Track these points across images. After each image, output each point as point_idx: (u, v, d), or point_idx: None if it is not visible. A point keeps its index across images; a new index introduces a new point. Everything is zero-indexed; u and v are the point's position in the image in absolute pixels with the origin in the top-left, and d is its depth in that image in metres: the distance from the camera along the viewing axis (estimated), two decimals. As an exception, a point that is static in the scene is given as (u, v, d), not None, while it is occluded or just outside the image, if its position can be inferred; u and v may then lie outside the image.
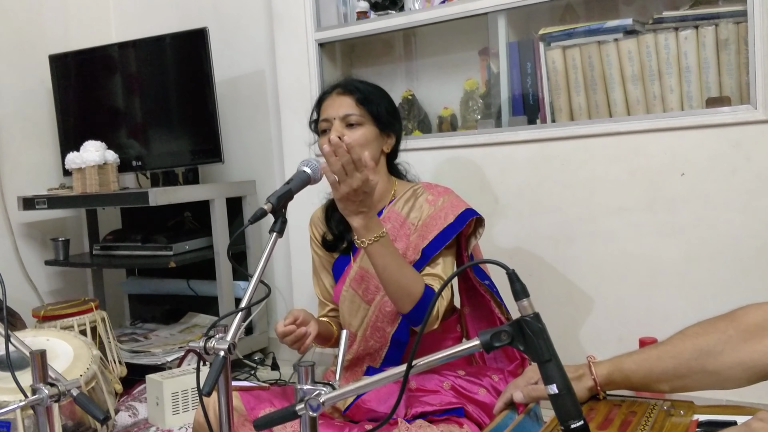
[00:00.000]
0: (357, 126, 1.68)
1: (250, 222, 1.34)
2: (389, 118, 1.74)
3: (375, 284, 1.70)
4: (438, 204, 1.71)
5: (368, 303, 1.73)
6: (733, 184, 1.96)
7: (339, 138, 1.57)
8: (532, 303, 0.90)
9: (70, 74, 3.11)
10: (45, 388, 1.23)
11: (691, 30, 2.04)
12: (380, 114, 1.71)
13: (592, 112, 2.22)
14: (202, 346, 1.15)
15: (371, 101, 1.71)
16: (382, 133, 1.73)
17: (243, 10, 3.08)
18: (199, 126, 2.88)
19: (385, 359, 1.73)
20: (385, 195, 1.77)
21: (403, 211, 1.74)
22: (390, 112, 1.76)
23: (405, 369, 0.94)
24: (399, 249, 1.68)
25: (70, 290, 3.18)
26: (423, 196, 1.74)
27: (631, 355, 1.17)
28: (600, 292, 2.18)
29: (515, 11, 2.30)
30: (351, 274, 1.75)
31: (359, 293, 1.74)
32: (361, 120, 1.68)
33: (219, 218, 2.81)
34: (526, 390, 1.19)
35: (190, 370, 2.35)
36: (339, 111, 1.69)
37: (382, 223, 1.69)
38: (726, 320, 1.12)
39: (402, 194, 1.76)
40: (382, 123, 1.72)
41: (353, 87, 1.72)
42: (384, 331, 1.72)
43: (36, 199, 2.87)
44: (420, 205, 1.72)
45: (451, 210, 1.69)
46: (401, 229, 1.72)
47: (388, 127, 1.74)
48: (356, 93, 1.70)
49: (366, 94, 1.71)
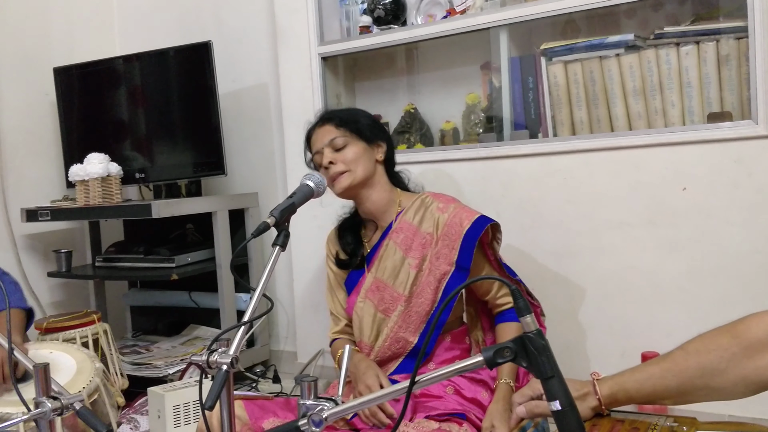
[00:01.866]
0: (344, 147, 1.79)
1: (253, 236, 1.35)
2: (372, 130, 1.85)
3: (392, 294, 1.75)
4: (449, 210, 1.77)
5: (385, 314, 1.77)
6: (735, 199, 1.96)
7: (331, 162, 1.75)
8: (534, 319, 0.91)
9: (74, 87, 3.13)
10: (48, 402, 1.23)
11: (693, 45, 2.05)
12: (362, 128, 1.82)
13: (593, 126, 2.23)
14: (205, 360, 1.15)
15: (350, 120, 1.82)
16: (371, 145, 1.83)
17: (246, 24, 3.10)
18: (202, 139, 2.89)
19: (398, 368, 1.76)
20: (391, 206, 1.84)
21: (414, 221, 1.79)
22: (371, 125, 1.86)
23: (408, 385, 0.94)
24: (414, 258, 1.75)
25: (72, 302, 3.18)
26: (433, 206, 1.80)
27: (633, 374, 1.17)
28: (602, 306, 2.18)
29: (517, 26, 2.32)
30: (366, 285, 1.80)
31: (374, 303, 1.78)
32: (346, 140, 1.79)
33: (221, 230, 2.82)
34: (530, 406, 1.19)
35: (191, 382, 2.34)
36: (324, 139, 1.80)
37: (394, 234, 1.77)
38: (728, 335, 1.11)
39: (410, 204, 1.83)
40: (366, 136, 1.82)
41: (330, 114, 1.86)
42: (406, 341, 1.76)
43: (39, 211, 2.88)
44: (431, 215, 1.78)
45: (465, 216, 1.75)
46: (414, 238, 1.77)
47: (374, 138, 1.84)
48: (334, 118, 1.83)
49: (343, 116, 1.84)
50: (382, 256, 1.80)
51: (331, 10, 2.72)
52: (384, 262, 1.79)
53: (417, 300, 1.75)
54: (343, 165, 1.77)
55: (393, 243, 1.79)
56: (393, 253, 1.78)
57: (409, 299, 1.75)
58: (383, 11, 2.59)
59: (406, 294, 1.75)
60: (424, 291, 1.74)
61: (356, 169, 1.77)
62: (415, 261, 1.75)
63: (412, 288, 1.75)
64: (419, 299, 1.75)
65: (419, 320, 1.74)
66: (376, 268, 1.80)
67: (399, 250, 1.78)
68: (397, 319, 1.75)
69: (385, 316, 1.77)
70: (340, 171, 1.77)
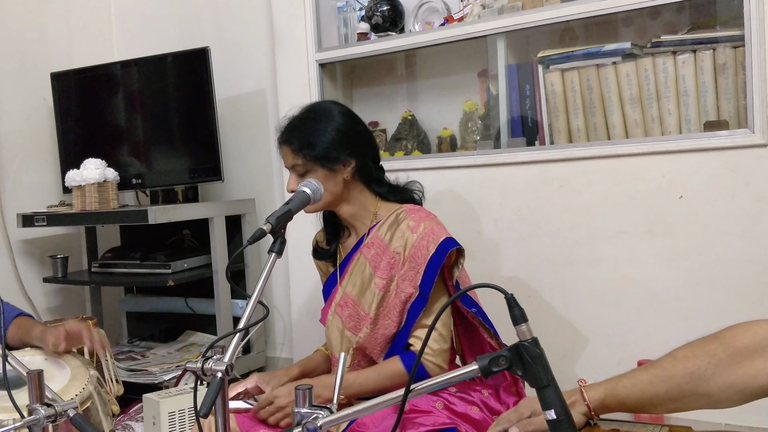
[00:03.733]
0: (304, 174, 1.68)
1: (249, 243, 1.35)
2: (335, 149, 1.68)
3: (358, 313, 1.71)
4: (419, 231, 1.67)
5: (352, 331, 1.73)
6: (732, 208, 1.96)
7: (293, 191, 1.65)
8: (530, 328, 0.90)
9: (71, 92, 3.12)
10: (42, 409, 1.23)
11: (689, 54, 2.06)
12: (319, 154, 1.66)
13: (590, 134, 2.23)
14: (200, 367, 1.15)
15: (308, 145, 1.67)
16: (334, 167, 1.68)
17: (245, 30, 3.10)
18: (200, 144, 2.89)
19: None
20: (366, 218, 1.76)
21: (386, 237, 1.72)
22: (332, 144, 1.68)
23: (403, 394, 0.94)
24: (382, 278, 1.69)
25: (68, 308, 3.17)
26: (404, 223, 1.71)
27: (622, 379, 1.16)
28: (599, 315, 2.17)
29: (514, 34, 2.32)
30: (336, 299, 1.76)
31: (342, 319, 1.74)
32: (306, 167, 1.67)
33: (218, 237, 2.81)
34: (522, 425, 1.17)
35: (187, 389, 2.33)
36: (287, 163, 1.71)
37: (366, 248, 1.72)
38: (715, 342, 1.12)
39: (386, 218, 1.74)
40: (328, 159, 1.67)
41: (287, 135, 1.71)
42: (372, 361, 1.73)
43: (35, 216, 2.87)
44: (402, 233, 1.69)
45: (432, 239, 1.66)
46: (383, 255, 1.71)
47: (338, 158, 1.68)
48: (293, 141, 1.69)
49: (301, 139, 1.68)
50: (353, 270, 1.75)
51: (330, 17, 2.73)
52: (354, 277, 1.74)
53: (383, 322, 1.69)
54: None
55: (364, 258, 1.73)
56: (363, 269, 1.73)
57: (375, 321, 1.70)
58: (381, 18, 2.59)
59: (372, 315, 1.69)
60: (390, 313, 1.68)
61: (322, 198, 1.67)
62: (383, 282, 1.69)
63: (378, 309, 1.69)
64: (385, 321, 1.69)
65: (385, 342, 1.69)
66: (346, 281, 1.75)
67: (369, 266, 1.72)
68: (363, 340, 1.71)
69: (353, 333, 1.72)
70: None
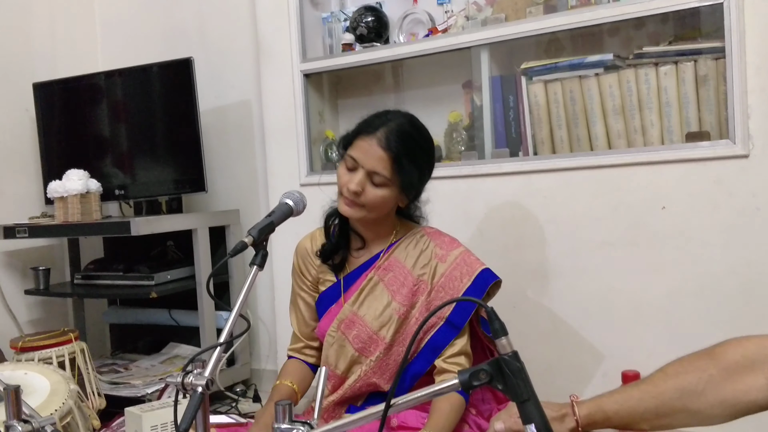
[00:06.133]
0: (380, 186, 1.59)
1: (231, 255, 1.34)
2: (419, 185, 1.66)
3: (370, 336, 1.67)
4: (449, 260, 1.66)
5: (361, 353, 1.68)
6: (715, 220, 1.97)
7: (356, 193, 1.58)
8: (511, 341, 0.90)
9: (54, 102, 3.10)
10: (18, 425, 1.21)
11: (671, 66, 2.07)
12: (410, 181, 1.62)
13: (573, 145, 2.24)
14: (180, 382, 1.14)
15: (405, 167, 1.58)
16: (403, 194, 1.64)
17: (230, 40, 3.10)
18: (183, 155, 2.87)
19: (368, 400, 1.72)
20: (385, 237, 1.72)
21: (407, 262, 1.68)
22: (423, 179, 1.66)
23: (384, 408, 0.93)
24: (402, 305, 1.65)
25: (50, 320, 3.14)
26: (429, 249, 1.68)
27: (612, 395, 1.16)
28: (584, 327, 2.17)
29: (498, 45, 2.33)
30: (341, 316, 1.71)
31: (348, 338, 1.69)
32: (387, 183, 1.59)
33: (202, 248, 2.79)
34: (509, 422, 1.18)
35: (169, 402, 2.31)
36: (369, 164, 1.58)
37: (382, 270, 1.67)
38: (706, 358, 1.12)
39: (404, 238, 1.71)
40: (408, 189, 1.64)
41: (394, 144, 1.58)
42: (377, 386, 1.69)
43: (17, 227, 2.84)
44: (428, 260, 1.67)
45: (467, 270, 1.65)
46: (405, 282, 1.67)
47: (410, 191, 1.65)
48: (394, 151, 1.57)
49: (405, 156, 1.58)
50: (364, 290, 1.69)
51: (314, 28, 2.73)
52: (366, 300, 1.69)
53: (398, 348, 1.67)
54: (365, 201, 1.59)
55: (379, 279, 1.68)
56: (378, 292, 1.68)
57: (390, 347, 1.66)
58: (366, 29, 2.60)
59: (388, 341, 1.65)
60: (407, 340, 1.64)
61: (372, 211, 1.62)
62: (404, 308, 1.65)
63: (395, 336, 1.65)
64: (400, 348, 1.66)
65: (395, 368, 1.65)
66: (354, 300, 1.69)
67: (386, 291, 1.67)
68: (373, 364, 1.66)
69: (362, 355, 1.68)
70: (357, 203, 1.60)
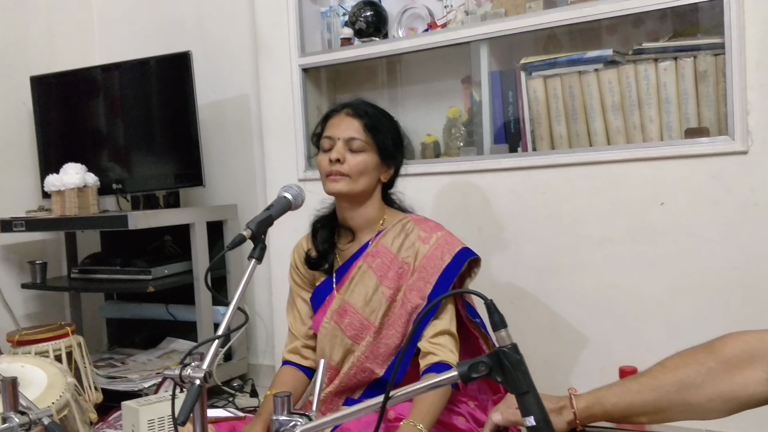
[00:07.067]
0: (359, 152, 1.64)
1: (229, 248, 1.33)
2: (394, 150, 1.71)
3: (361, 322, 1.68)
4: (432, 242, 1.67)
5: (353, 340, 1.69)
6: (714, 215, 1.97)
7: (338, 160, 1.60)
8: (509, 334, 0.90)
9: (51, 96, 3.09)
10: (15, 417, 1.21)
11: (671, 61, 2.07)
12: (386, 144, 1.67)
13: (572, 141, 2.24)
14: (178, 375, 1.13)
15: (379, 129, 1.66)
16: (383, 164, 1.69)
17: (228, 35, 3.09)
18: (181, 149, 2.86)
19: (365, 393, 1.71)
20: (373, 225, 1.73)
21: (393, 246, 1.69)
22: (396, 144, 1.71)
23: (382, 401, 0.93)
24: (389, 288, 1.66)
25: (47, 314, 3.13)
26: (414, 233, 1.69)
27: (610, 388, 1.16)
28: (582, 322, 2.17)
29: (497, 41, 2.32)
30: (333, 306, 1.72)
31: (341, 327, 1.70)
32: (365, 147, 1.65)
33: (199, 242, 2.79)
34: (507, 413, 1.18)
35: (167, 396, 2.30)
36: (344, 133, 1.65)
37: (370, 257, 1.68)
38: (705, 351, 1.12)
39: (391, 226, 1.72)
40: (386, 153, 1.68)
41: (363, 111, 1.67)
42: (372, 372, 1.69)
43: (14, 221, 2.83)
44: (412, 243, 1.68)
45: (447, 249, 1.65)
46: (391, 266, 1.68)
47: (390, 159, 1.70)
48: (365, 118, 1.66)
49: (375, 121, 1.67)
50: (354, 278, 1.70)
51: (313, 22, 2.72)
52: (355, 286, 1.70)
53: (387, 332, 1.66)
54: (348, 169, 1.63)
55: (367, 266, 1.69)
56: (367, 278, 1.69)
57: (379, 330, 1.66)
58: (365, 24, 2.59)
59: (377, 325, 1.66)
60: (396, 323, 1.66)
61: (358, 180, 1.64)
62: (390, 291, 1.66)
63: (384, 319, 1.66)
64: (390, 331, 1.66)
65: (387, 353, 1.66)
66: (345, 289, 1.71)
67: (374, 276, 1.68)
68: (365, 349, 1.67)
69: (354, 342, 1.68)
70: (341, 172, 1.63)
